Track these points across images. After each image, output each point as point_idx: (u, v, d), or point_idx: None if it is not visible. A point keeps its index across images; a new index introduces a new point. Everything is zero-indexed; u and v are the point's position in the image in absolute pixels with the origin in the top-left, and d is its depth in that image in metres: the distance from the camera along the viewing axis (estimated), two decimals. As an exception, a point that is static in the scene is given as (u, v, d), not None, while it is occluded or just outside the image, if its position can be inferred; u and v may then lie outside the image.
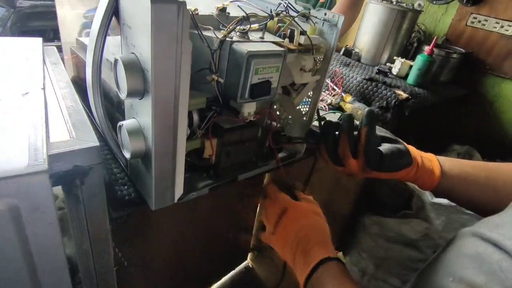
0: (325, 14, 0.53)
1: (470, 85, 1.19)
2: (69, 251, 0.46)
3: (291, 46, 0.50)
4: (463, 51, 1.12)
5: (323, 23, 0.54)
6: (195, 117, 0.45)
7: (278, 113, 0.62)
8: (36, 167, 0.28)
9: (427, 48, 1.00)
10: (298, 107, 0.61)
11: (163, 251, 0.69)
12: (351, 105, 0.90)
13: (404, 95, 0.91)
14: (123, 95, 0.36)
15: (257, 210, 1.55)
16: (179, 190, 0.45)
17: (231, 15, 0.48)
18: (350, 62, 1.14)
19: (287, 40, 0.51)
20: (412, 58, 1.16)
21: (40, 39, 0.53)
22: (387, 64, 1.12)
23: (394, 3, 1.11)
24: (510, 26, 1.07)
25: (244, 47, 0.42)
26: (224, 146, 0.50)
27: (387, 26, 1.11)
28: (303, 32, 0.51)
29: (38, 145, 0.30)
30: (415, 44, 1.20)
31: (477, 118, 1.20)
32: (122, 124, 0.39)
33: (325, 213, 0.57)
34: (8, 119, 0.32)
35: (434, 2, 1.32)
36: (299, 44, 0.51)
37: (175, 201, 0.45)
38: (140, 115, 0.39)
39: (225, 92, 0.46)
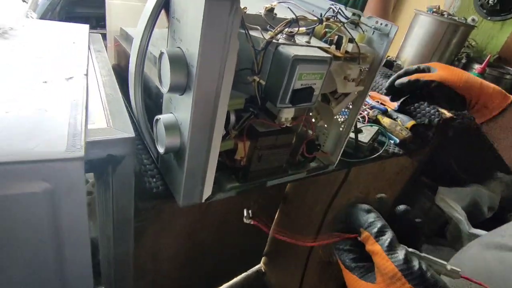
0: (377, 22, 0.50)
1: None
2: (92, 234, 0.47)
3: (338, 53, 0.48)
4: (518, 72, 1.04)
5: (373, 31, 0.51)
6: (232, 117, 0.43)
7: (313, 120, 0.60)
8: (73, 153, 0.28)
9: (477, 66, 0.93)
10: (335, 117, 0.58)
11: (174, 246, 0.69)
12: (389, 119, 0.86)
13: (448, 114, 0.85)
14: (165, 89, 0.35)
15: (276, 214, 1.52)
16: (208, 190, 0.44)
17: (278, 16, 0.47)
18: (391, 74, 1.09)
19: (333, 46, 0.49)
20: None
21: (87, 26, 0.54)
22: (432, 79, 1.06)
23: (446, 16, 1.04)
24: None
25: (291, 51, 0.40)
26: (257, 150, 0.48)
27: (435, 39, 1.05)
28: (351, 40, 0.48)
29: (77, 131, 0.30)
30: (463, 61, 1.13)
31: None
32: (160, 118, 0.38)
33: None
34: (51, 102, 0.33)
35: (489, 18, 1.23)
36: (346, 52, 0.48)
37: (203, 200, 0.44)
38: (178, 111, 0.38)
39: (264, 94, 0.44)
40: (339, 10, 0.50)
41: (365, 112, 0.87)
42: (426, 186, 1.06)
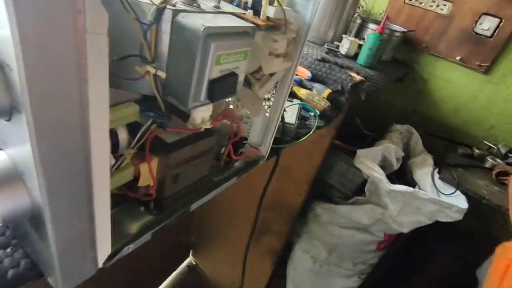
0: (297, -23, 0.40)
1: (408, 64, 1.21)
2: None
3: (258, 21, 0.35)
4: (405, 29, 1.11)
5: (294, -10, 0.40)
6: (122, 134, 0.28)
7: (230, 107, 0.48)
8: None
9: (375, 27, 0.94)
10: (261, 102, 0.47)
11: None
12: (305, 90, 0.80)
13: (358, 78, 0.84)
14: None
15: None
16: (104, 252, 0.28)
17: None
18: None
19: (250, 12, 0.36)
20: (356, 36, 1.10)
21: None
22: (335, 42, 1.04)
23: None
24: (445, 5, 1.09)
25: (198, 21, 0.26)
26: (170, 169, 0.34)
27: (333, 1, 1.01)
28: (271, 2, 0.36)
29: None
30: (358, 21, 1.14)
31: (413, 96, 1.24)
32: (-27, 168, 0.20)
33: (274, 203, 0.45)
34: None
35: (372, -23, 1.27)
36: (267, 19, 0.37)
37: (100, 266, 0.29)
38: (11, 146, 0.21)
39: (167, 91, 0.30)
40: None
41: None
42: (340, 149, 1.08)
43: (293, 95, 0.80)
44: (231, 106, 0.48)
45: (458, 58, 1.10)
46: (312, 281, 1.19)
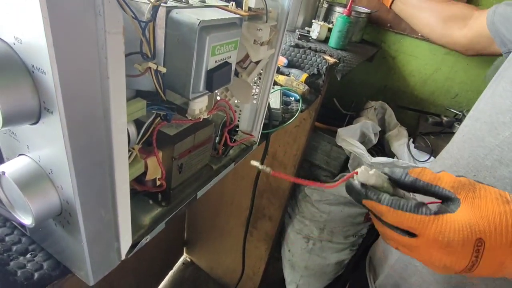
0: (272, -33, 0.42)
1: (376, 43, 1.26)
2: None
3: (241, 12, 0.37)
4: (369, 10, 1.16)
5: (270, -21, 0.42)
6: (131, 129, 0.29)
7: (218, 98, 0.50)
8: None
9: (343, 10, 0.98)
10: (250, 89, 0.49)
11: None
12: (283, 76, 0.82)
13: (332, 60, 0.88)
14: (-6, 123, 0.19)
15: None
16: (126, 242, 0.30)
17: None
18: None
19: (232, 4, 0.38)
20: (325, 21, 1.14)
21: None
22: (305, 28, 1.07)
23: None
24: (404, -16, 1.15)
25: (192, 16, 0.28)
26: (175, 160, 0.36)
27: (300, -14, 1.04)
28: (252, -8, 0.38)
29: None
30: (325, 5, 1.18)
31: (383, 73, 1.30)
32: (4, 173, 0.21)
33: (264, 189, 0.48)
34: None
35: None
36: (249, 9, 0.39)
37: (123, 257, 0.30)
38: (37, 149, 0.22)
39: (166, 85, 0.31)
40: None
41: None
42: (322, 131, 1.13)
43: (274, 83, 0.83)
44: (218, 98, 0.50)
45: (420, 34, 1.17)
46: (307, 260, 1.24)
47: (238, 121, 0.54)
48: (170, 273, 1.62)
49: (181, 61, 0.30)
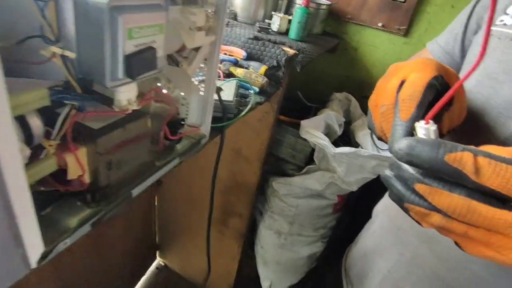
0: None
1: (337, 35, 1.27)
2: None
3: (170, -6, 0.35)
4: (328, 2, 1.16)
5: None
6: (35, 122, 0.26)
7: (164, 91, 0.47)
8: None
9: (302, 1, 0.98)
10: (193, 80, 0.47)
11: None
12: (241, 70, 0.80)
13: (292, 51, 0.87)
14: None
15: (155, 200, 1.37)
16: (36, 249, 0.27)
17: None
18: (228, 22, 1.03)
19: (161, -15, 0.35)
20: (286, 13, 1.13)
21: None
22: (266, 21, 1.06)
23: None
24: (363, -24, 1.16)
25: (99, -7, 0.25)
26: (101, 155, 0.33)
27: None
28: (183, -26, 0.36)
29: None
30: (285, -2, 1.17)
31: (346, 64, 1.31)
32: None
33: (231, 186, 0.46)
34: None
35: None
36: (181, -9, 0.36)
37: (34, 266, 0.27)
38: None
39: (82, 71, 0.28)
40: None
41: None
42: (286, 124, 1.12)
43: (230, 75, 0.81)
44: (164, 91, 0.47)
45: (380, 24, 1.19)
46: (280, 255, 1.24)
47: (186, 114, 0.51)
48: (143, 278, 1.57)
49: (93, 45, 0.27)
